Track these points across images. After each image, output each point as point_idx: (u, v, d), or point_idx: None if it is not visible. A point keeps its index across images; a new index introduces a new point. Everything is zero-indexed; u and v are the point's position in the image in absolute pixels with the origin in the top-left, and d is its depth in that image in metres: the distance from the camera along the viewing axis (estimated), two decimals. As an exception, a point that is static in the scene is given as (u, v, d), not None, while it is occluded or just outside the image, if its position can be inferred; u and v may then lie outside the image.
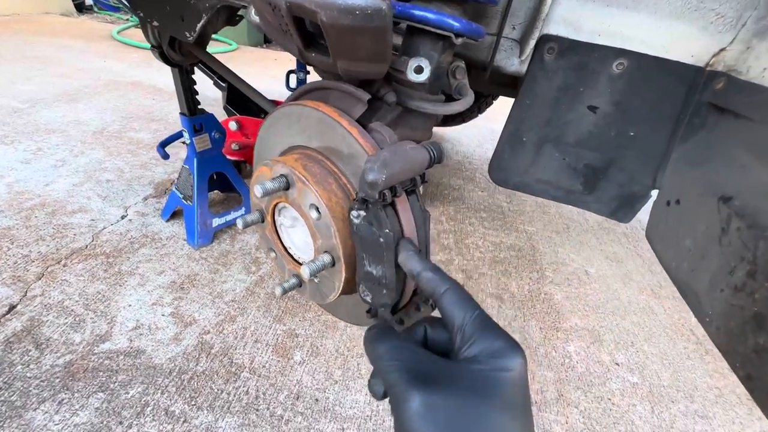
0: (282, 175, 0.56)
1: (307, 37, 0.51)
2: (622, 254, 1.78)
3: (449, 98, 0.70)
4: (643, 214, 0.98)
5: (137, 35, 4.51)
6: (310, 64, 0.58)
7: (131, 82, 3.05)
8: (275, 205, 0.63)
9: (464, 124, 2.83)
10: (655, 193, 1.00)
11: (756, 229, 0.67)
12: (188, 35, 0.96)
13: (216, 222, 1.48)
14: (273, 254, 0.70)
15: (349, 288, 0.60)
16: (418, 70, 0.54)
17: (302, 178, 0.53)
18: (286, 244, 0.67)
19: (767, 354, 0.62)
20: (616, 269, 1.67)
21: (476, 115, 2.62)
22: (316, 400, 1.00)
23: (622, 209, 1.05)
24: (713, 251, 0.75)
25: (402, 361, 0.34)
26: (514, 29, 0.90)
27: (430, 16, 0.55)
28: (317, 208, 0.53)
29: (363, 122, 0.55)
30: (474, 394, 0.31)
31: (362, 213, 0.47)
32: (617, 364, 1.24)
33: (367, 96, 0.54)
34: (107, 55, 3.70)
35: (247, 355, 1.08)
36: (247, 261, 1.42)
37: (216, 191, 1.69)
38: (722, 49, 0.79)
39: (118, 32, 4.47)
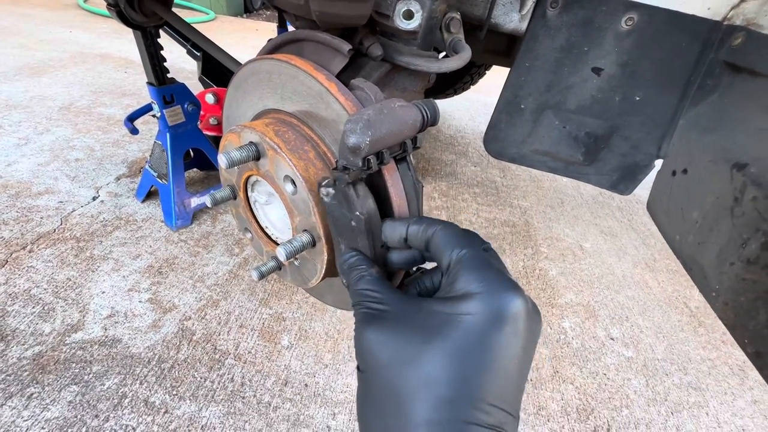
0: (251, 143, 0.48)
1: (273, -28, 0.43)
2: (616, 228, 1.76)
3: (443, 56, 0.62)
4: (639, 188, 0.93)
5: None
6: (278, 8, 0.49)
7: (100, 54, 2.84)
8: (247, 179, 0.56)
9: (456, 97, 2.72)
10: (658, 163, 0.94)
11: (774, 199, 0.62)
12: (147, -11, 0.85)
13: (195, 202, 1.39)
14: (249, 235, 0.63)
15: (334, 270, 0.54)
16: (408, 15, 0.46)
17: (274, 146, 0.45)
18: (262, 224, 0.60)
19: (780, 330, 0.58)
20: (610, 243, 1.65)
21: (469, 87, 2.51)
22: (306, 385, 0.96)
23: (624, 181, 1.00)
24: (724, 223, 0.70)
25: (369, 298, 0.35)
26: (514, -21, 0.80)
27: (420, -51, 0.46)
28: (292, 181, 0.46)
29: (344, 80, 0.47)
30: (420, 334, 0.31)
31: (331, 191, 0.39)
32: (612, 338, 1.22)
33: (347, 46, 0.46)
34: (73, 24, 3.43)
35: (231, 341, 1.03)
36: (229, 242, 1.34)
37: (194, 169, 1.59)
38: (742, 0, 0.72)
39: (85, 0, 4.15)
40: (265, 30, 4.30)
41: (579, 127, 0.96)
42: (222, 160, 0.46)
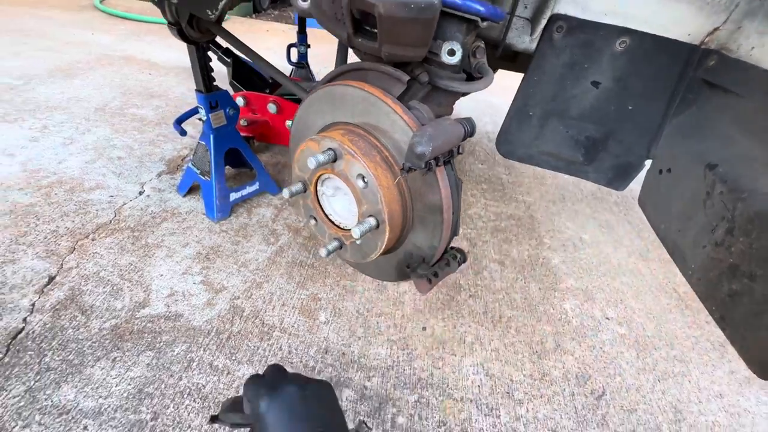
0: (330, 149, 0.63)
1: (356, 23, 0.57)
2: (613, 221, 1.91)
3: (470, 77, 0.77)
4: (633, 184, 1.08)
5: (122, 4, 4.33)
6: (354, 48, 0.64)
7: (124, 57, 2.98)
8: (318, 177, 0.71)
9: (463, 99, 2.86)
10: (648, 163, 1.09)
11: (736, 192, 0.77)
12: (210, 13, 0.99)
13: (233, 196, 1.54)
14: (313, 221, 0.78)
15: (388, 247, 0.69)
16: (451, 53, 0.61)
17: (351, 151, 0.60)
18: (327, 212, 0.75)
19: (739, 297, 0.74)
20: (607, 235, 1.80)
21: (476, 89, 2.65)
22: (343, 353, 1.12)
23: (618, 178, 1.15)
24: (698, 213, 0.85)
25: None
26: (526, 8, 0.95)
27: (460, 2, 0.61)
28: (364, 178, 0.61)
29: (401, 101, 0.62)
30: None
31: None
32: (607, 318, 1.38)
33: (406, 77, 0.61)
34: (93, 26, 3.56)
35: (276, 317, 1.19)
36: (265, 233, 1.50)
37: (227, 167, 1.74)
38: (716, 29, 0.87)
39: (101, 1, 4.28)
40: (275, 31, 4.43)
41: (580, 131, 1.11)
42: (311, 162, 0.61)
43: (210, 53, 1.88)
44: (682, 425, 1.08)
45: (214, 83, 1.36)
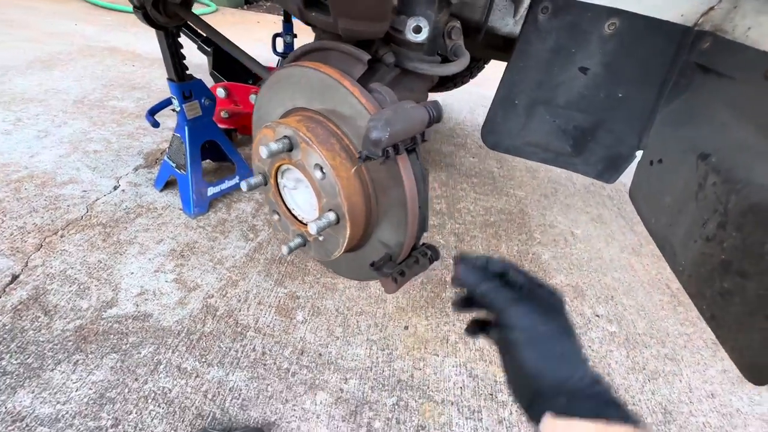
0: (285, 137, 0.58)
1: (307, -5, 0.52)
2: (606, 216, 1.86)
3: (445, 60, 0.71)
4: (626, 177, 1.03)
5: (108, -5, 4.22)
6: (308, 24, 0.58)
7: (107, 48, 2.90)
8: (278, 168, 0.65)
9: (456, 90, 2.80)
10: (639, 154, 1.04)
11: (729, 183, 0.72)
12: (174, -6, 0.93)
13: (211, 191, 1.48)
14: (276, 216, 0.73)
15: (352, 245, 0.64)
16: (417, 29, 0.55)
17: (306, 139, 0.55)
18: (289, 206, 0.70)
19: (730, 296, 0.69)
20: (600, 230, 1.75)
21: (468, 80, 2.59)
22: (320, 354, 1.07)
23: (608, 170, 1.10)
24: (689, 206, 0.80)
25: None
26: (508, -12, 0.89)
27: (427, -28, 0.55)
28: (321, 168, 0.55)
29: (363, 83, 0.56)
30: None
31: None
32: (597, 315, 1.33)
33: (367, 56, 0.55)
34: (77, 17, 3.47)
35: (251, 316, 1.14)
36: (244, 228, 1.44)
37: (208, 160, 1.68)
38: (711, 8, 0.81)
39: (87, -8, 4.16)
40: (266, 22, 4.34)
41: (567, 121, 1.06)
42: (263, 151, 0.55)
43: (190, 42, 1.81)
44: (672, 427, 1.04)
45: (188, 72, 1.30)
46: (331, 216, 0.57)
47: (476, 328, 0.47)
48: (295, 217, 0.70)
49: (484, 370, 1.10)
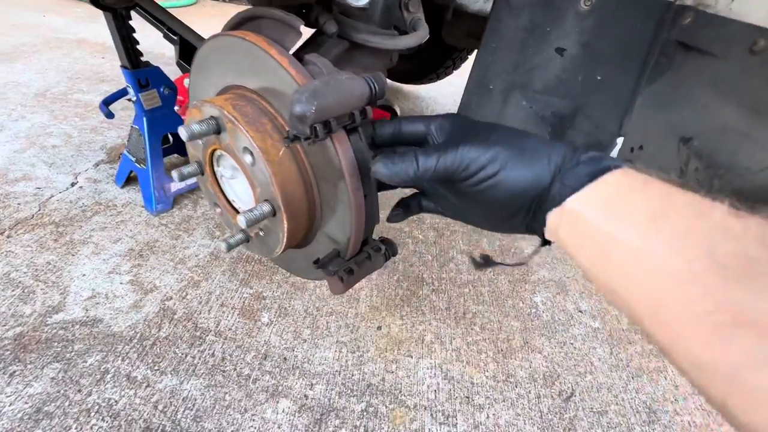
0: (212, 117, 0.50)
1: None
2: (591, 208, 1.81)
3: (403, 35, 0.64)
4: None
5: (81, -13, 4.06)
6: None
7: (76, 39, 2.77)
8: (212, 154, 0.58)
9: (440, 82, 2.73)
10: (620, 141, 0.98)
11: (712, 168, 0.66)
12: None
13: (175, 186, 1.40)
14: (218, 209, 0.65)
15: (296, 240, 0.57)
16: (358, -8, 0.48)
17: (232, 119, 0.48)
18: (229, 197, 0.62)
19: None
20: (584, 223, 1.70)
21: (451, 71, 2.53)
22: (285, 358, 1.00)
23: (589, 159, 1.04)
24: (671, 194, 0.75)
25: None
26: (476, -41, 0.82)
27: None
28: (251, 152, 0.48)
29: (302, 57, 0.49)
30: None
31: None
32: (581, 311, 1.28)
33: (300, 22, 0.48)
34: (46, 8, 3.32)
35: (212, 319, 1.06)
36: (210, 226, 1.36)
37: (175, 155, 1.59)
38: (692, -19, 0.75)
39: (59, -17, 4.00)
40: (247, 14, 4.21)
41: (545, 107, 0.99)
42: (182, 133, 0.48)
43: (157, 30, 1.71)
44: (656, 426, 0.99)
45: (142, 58, 1.21)
46: (265, 207, 0.50)
47: (406, 208, 0.52)
48: (237, 210, 0.62)
49: (460, 372, 1.04)
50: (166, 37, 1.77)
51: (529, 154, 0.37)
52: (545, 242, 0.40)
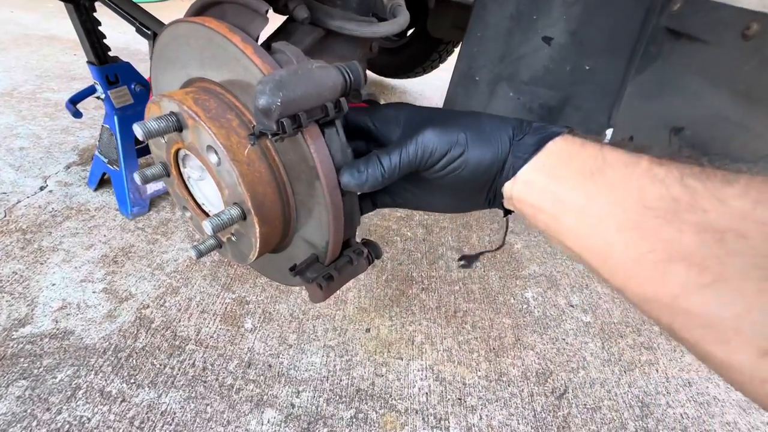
0: (172, 113, 0.46)
1: None
2: (580, 201, 1.80)
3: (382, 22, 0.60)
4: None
5: (51, -19, 3.89)
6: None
7: (46, 36, 2.64)
8: (176, 154, 0.53)
9: (427, 76, 2.69)
10: (609, 132, 0.96)
11: (705, 158, 0.64)
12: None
13: (151, 188, 1.33)
14: (188, 213, 0.61)
15: (271, 245, 0.53)
16: (329, -28, 0.44)
17: (193, 115, 0.43)
18: (198, 201, 0.58)
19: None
20: (573, 216, 1.69)
21: (438, 65, 2.49)
22: (270, 366, 0.96)
23: (578, 151, 1.02)
24: (663, 186, 0.73)
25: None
26: (458, -57, 0.78)
27: None
28: (216, 151, 0.44)
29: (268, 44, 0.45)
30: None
31: None
32: (572, 305, 1.27)
33: (265, 6, 0.43)
34: (15, 4, 3.17)
35: (192, 327, 1.01)
36: (190, 229, 1.30)
37: (151, 154, 1.52)
38: (681, -35, 0.72)
39: (27, -23, 3.82)
40: (228, 9, 4.10)
41: (533, 98, 0.96)
42: (137, 131, 0.43)
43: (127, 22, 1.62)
44: (649, 420, 0.98)
45: (110, 53, 1.14)
46: (233, 211, 0.46)
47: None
48: (207, 214, 0.58)
49: (452, 372, 1.01)
50: (138, 31, 1.69)
51: (487, 132, 0.38)
52: (507, 212, 0.43)
